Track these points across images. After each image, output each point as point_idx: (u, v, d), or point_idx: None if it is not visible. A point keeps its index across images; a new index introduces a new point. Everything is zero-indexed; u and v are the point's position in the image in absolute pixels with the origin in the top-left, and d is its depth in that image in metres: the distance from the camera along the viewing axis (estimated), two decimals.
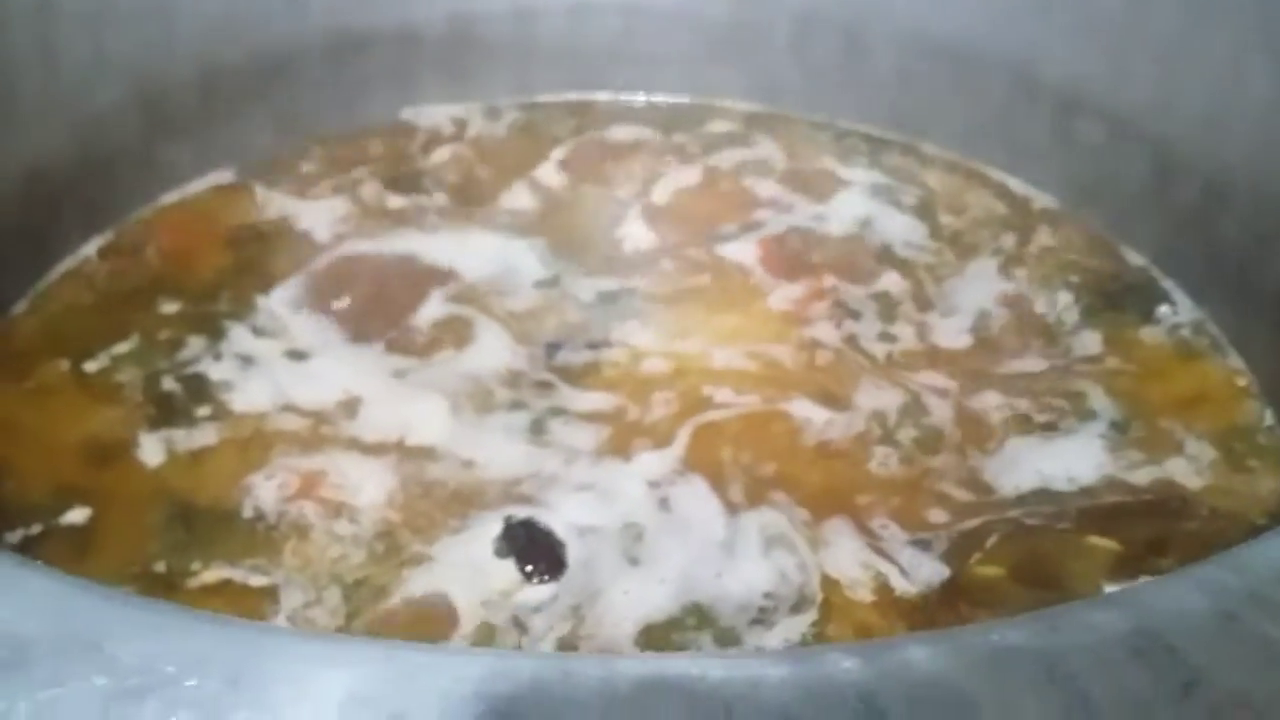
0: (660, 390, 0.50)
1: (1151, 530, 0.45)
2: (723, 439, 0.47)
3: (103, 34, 0.56)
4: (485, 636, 0.39)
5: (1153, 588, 0.23)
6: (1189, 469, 0.47)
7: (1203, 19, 0.56)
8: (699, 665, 0.21)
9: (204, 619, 0.21)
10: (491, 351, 0.52)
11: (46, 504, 0.44)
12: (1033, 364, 0.52)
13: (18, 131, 0.53)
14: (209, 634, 0.21)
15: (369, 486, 0.45)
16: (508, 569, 0.42)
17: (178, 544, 0.43)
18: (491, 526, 0.43)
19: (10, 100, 0.53)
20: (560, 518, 0.43)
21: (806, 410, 0.49)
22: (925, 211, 0.63)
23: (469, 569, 0.41)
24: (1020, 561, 0.43)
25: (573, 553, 0.42)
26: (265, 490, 0.45)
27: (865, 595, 0.41)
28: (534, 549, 0.41)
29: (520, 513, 0.44)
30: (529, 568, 0.41)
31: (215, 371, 0.50)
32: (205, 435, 0.48)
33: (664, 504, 0.44)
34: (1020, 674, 0.21)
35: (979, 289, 0.57)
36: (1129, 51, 0.60)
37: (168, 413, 0.49)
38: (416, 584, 0.42)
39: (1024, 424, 0.49)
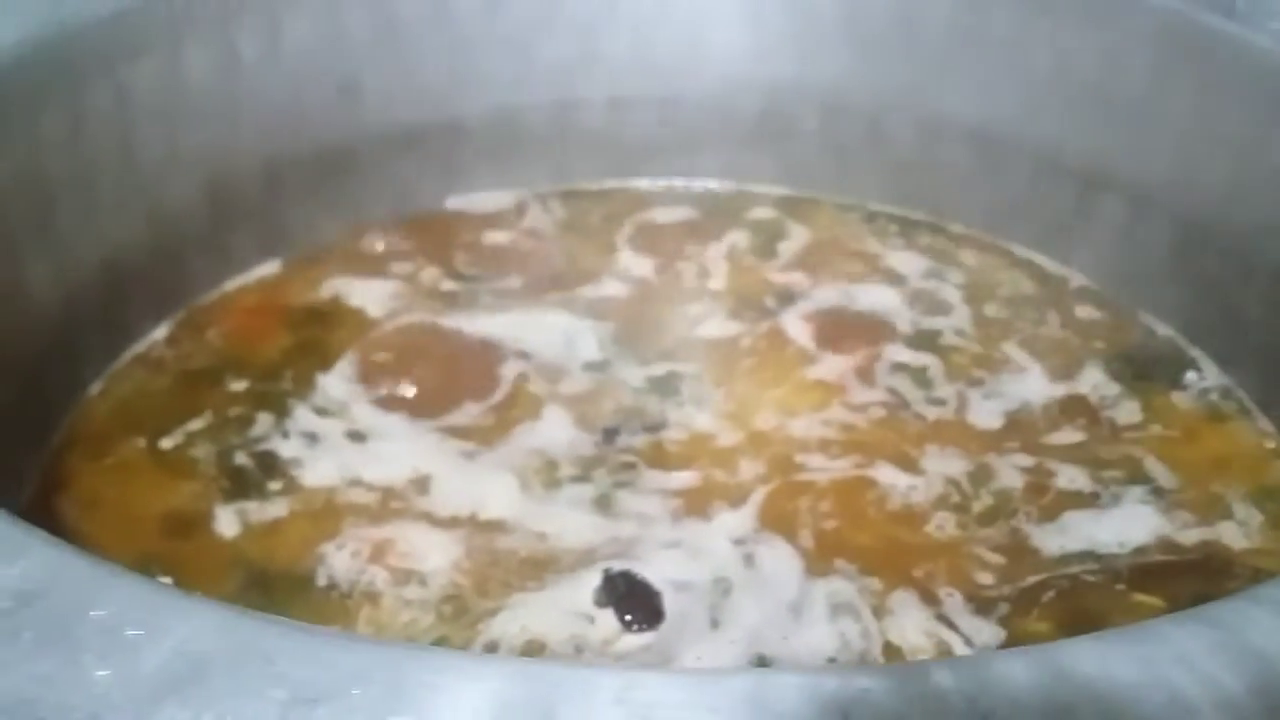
0: (741, 458, 0.52)
1: (1196, 588, 0.46)
2: (799, 503, 0.49)
3: (176, 131, 0.59)
4: None
5: (1237, 604, 0.25)
6: (1236, 531, 0.49)
7: (1220, 97, 0.59)
8: (812, 676, 0.23)
9: (359, 639, 0.23)
10: (553, 432, 0.54)
11: None
12: (1076, 434, 0.54)
13: (96, 223, 0.56)
14: (366, 651, 0.23)
15: (436, 555, 0.47)
16: (605, 618, 0.43)
17: (254, 610, 0.45)
18: (576, 585, 0.45)
19: (90, 194, 0.56)
20: (654, 571, 0.45)
21: (884, 474, 0.51)
22: (957, 288, 0.65)
23: (555, 619, 0.43)
24: (1069, 618, 0.45)
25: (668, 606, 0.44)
26: (337, 559, 0.47)
27: None
28: (633, 599, 0.43)
29: (618, 565, 0.45)
30: (628, 617, 0.43)
31: (284, 448, 0.52)
32: (277, 507, 0.49)
33: (749, 560, 0.46)
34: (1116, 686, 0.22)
35: (1016, 363, 0.59)
36: (1149, 130, 0.63)
37: (241, 486, 0.51)
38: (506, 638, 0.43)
39: (1079, 489, 0.51)
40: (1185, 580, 0.47)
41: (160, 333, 0.60)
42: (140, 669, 0.22)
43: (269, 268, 0.65)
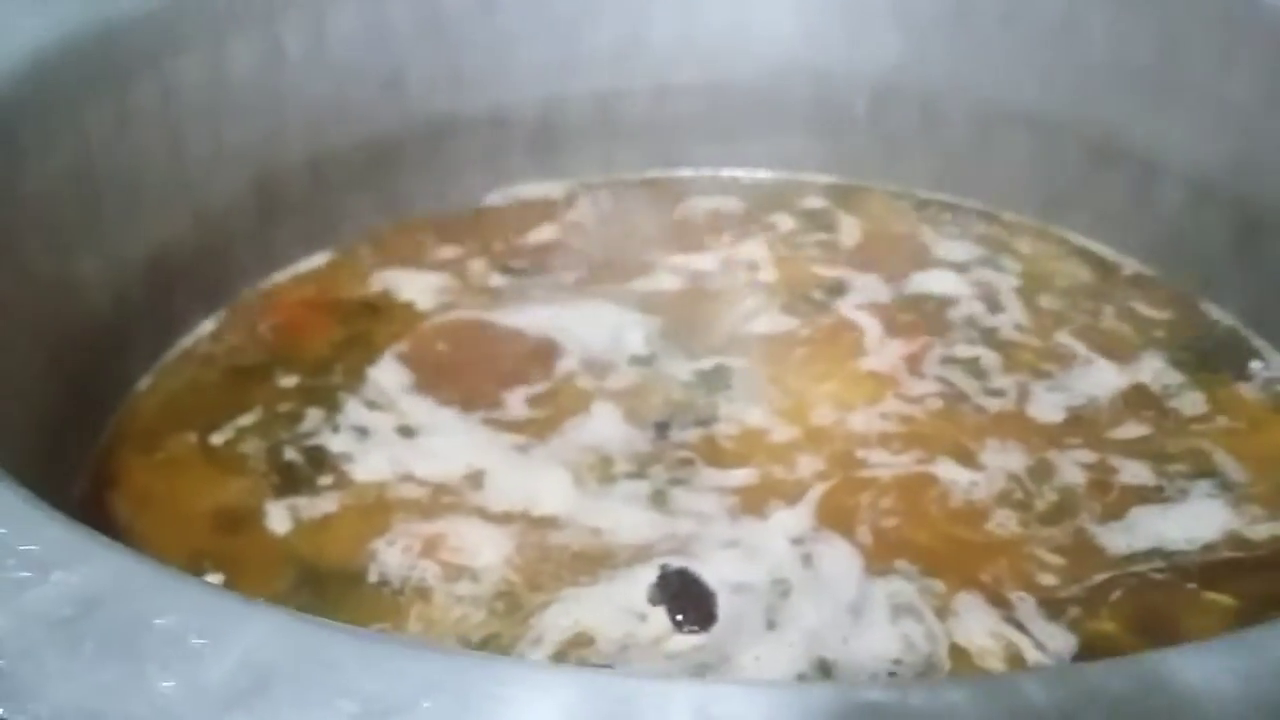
0: (797, 454, 0.51)
1: (1267, 586, 0.45)
2: (858, 499, 0.48)
3: (221, 126, 0.59)
4: None
5: None
6: None
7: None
8: (896, 692, 0.22)
9: (427, 648, 0.22)
10: (604, 427, 0.53)
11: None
12: (1142, 428, 0.53)
13: (143, 219, 0.56)
14: (435, 661, 0.22)
15: (488, 550, 0.46)
16: (658, 616, 0.42)
17: (306, 607, 0.44)
18: (630, 581, 0.44)
19: (137, 190, 0.55)
20: (711, 571, 0.44)
21: (944, 470, 0.50)
22: (1013, 278, 0.64)
23: (607, 615, 0.42)
24: (1138, 617, 0.44)
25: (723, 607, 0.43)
26: (389, 555, 0.46)
27: (995, 664, 0.42)
28: (687, 598, 0.42)
29: (675, 562, 0.44)
30: (680, 617, 0.42)
31: (334, 443, 0.52)
32: (328, 503, 0.49)
33: (807, 561, 0.45)
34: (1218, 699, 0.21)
35: (1075, 354, 0.58)
36: (1210, 113, 0.62)
37: (292, 482, 0.50)
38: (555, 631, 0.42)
39: (1144, 484, 0.50)
40: (1257, 578, 0.46)
41: (208, 327, 0.60)
42: (205, 679, 0.21)
43: (315, 261, 0.65)
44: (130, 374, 0.56)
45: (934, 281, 0.64)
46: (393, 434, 0.53)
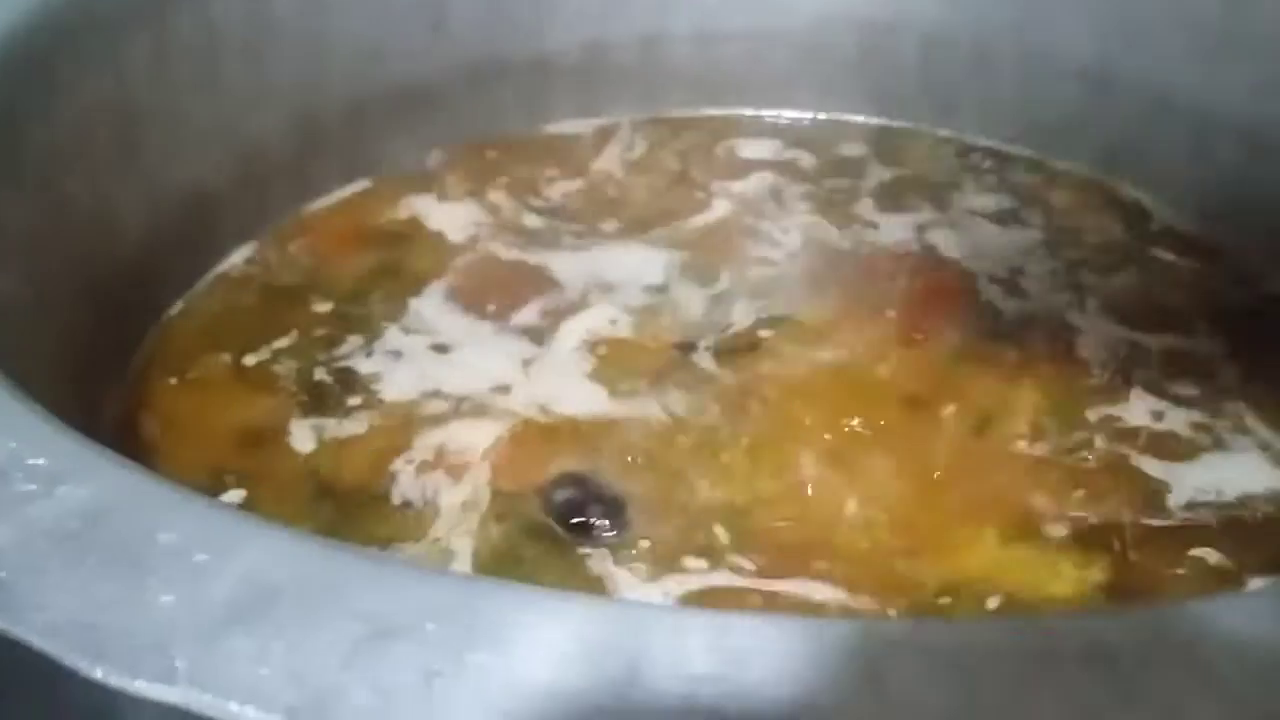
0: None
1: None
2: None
3: (264, 64, 0.59)
4: None
5: None
6: None
7: None
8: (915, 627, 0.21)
9: (435, 572, 0.21)
10: (634, 347, 0.53)
11: (202, 487, 0.45)
12: (1184, 389, 0.51)
13: (180, 153, 0.56)
14: (443, 585, 0.21)
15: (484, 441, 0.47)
16: None
17: (325, 524, 0.44)
18: None
19: (174, 124, 0.55)
20: None
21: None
22: (1046, 230, 0.62)
23: None
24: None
25: None
26: (406, 473, 0.46)
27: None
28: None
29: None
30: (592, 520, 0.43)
31: (366, 366, 0.52)
32: (355, 424, 0.49)
33: None
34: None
35: (1112, 308, 0.56)
36: (1269, 69, 0.59)
37: (320, 402, 0.50)
38: None
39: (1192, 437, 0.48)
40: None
41: (242, 254, 0.59)
42: (207, 596, 0.21)
43: (351, 191, 0.64)
44: (164, 300, 0.56)
45: (962, 229, 0.62)
46: (424, 354, 0.52)
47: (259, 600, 0.21)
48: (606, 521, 0.43)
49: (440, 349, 0.53)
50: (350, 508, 0.45)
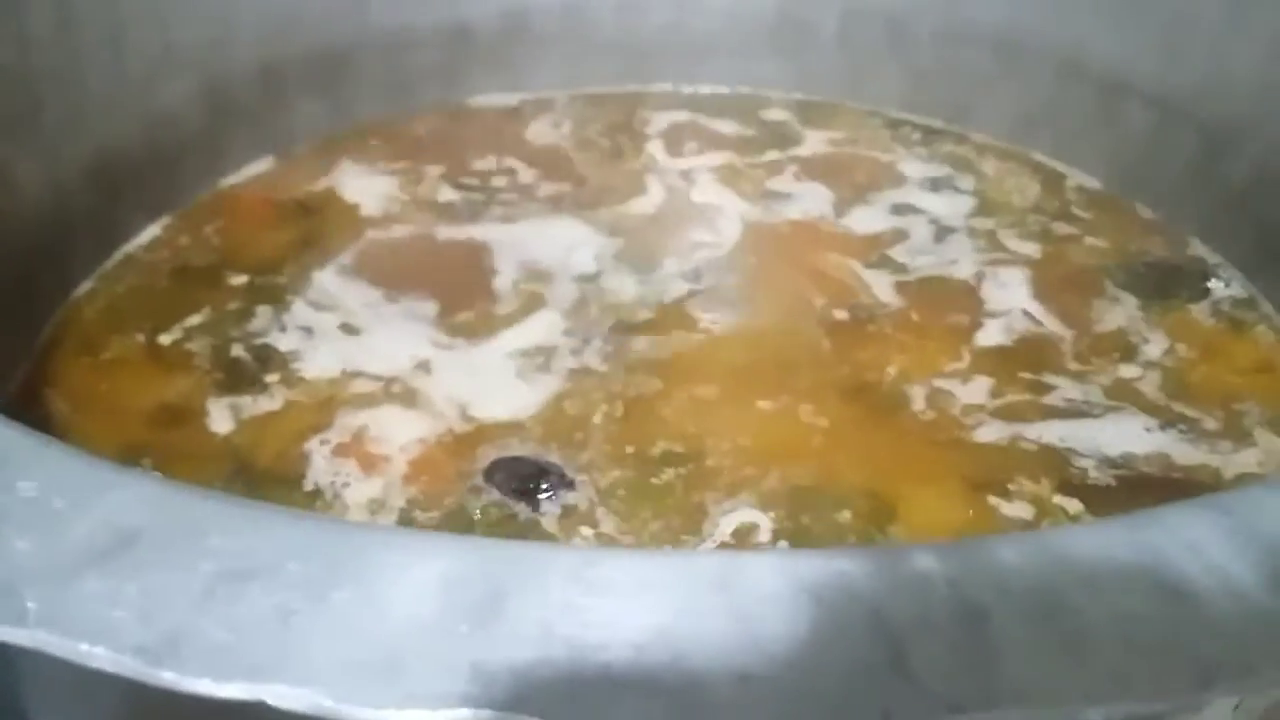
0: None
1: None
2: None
3: (169, 28, 0.58)
4: None
5: (1252, 493, 0.23)
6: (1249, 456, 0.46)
7: (1250, 2, 0.57)
8: (785, 557, 0.21)
9: (301, 515, 0.21)
10: (548, 333, 0.52)
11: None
12: (1089, 346, 0.52)
13: (86, 121, 0.55)
14: (307, 528, 0.21)
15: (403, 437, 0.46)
16: None
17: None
18: None
19: (80, 91, 0.54)
20: None
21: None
22: (970, 196, 0.63)
23: None
24: None
25: None
26: (320, 453, 0.45)
27: None
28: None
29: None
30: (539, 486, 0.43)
31: (282, 342, 0.51)
32: (271, 401, 0.48)
33: None
34: (1110, 567, 0.21)
35: (1025, 270, 0.57)
36: (1177, 33, 0.60)
37: (236, 379, 0.49)
38: None
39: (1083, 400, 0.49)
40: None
41: (153, 231, 0.59)
42: (63, 541, 0.21)
43: (264, 165, 0.64)
44: (71, 277, 0.55)
45: (894, 198, 0.62)
46: (338, 332, 0.52)
47: (115, 544, 0.20)
48: (550, 486, 0.43)
49: (349, 329, 0.52)
50: (263, 486, 0.44)
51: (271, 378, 0.49)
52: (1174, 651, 0.20)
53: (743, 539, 0.41)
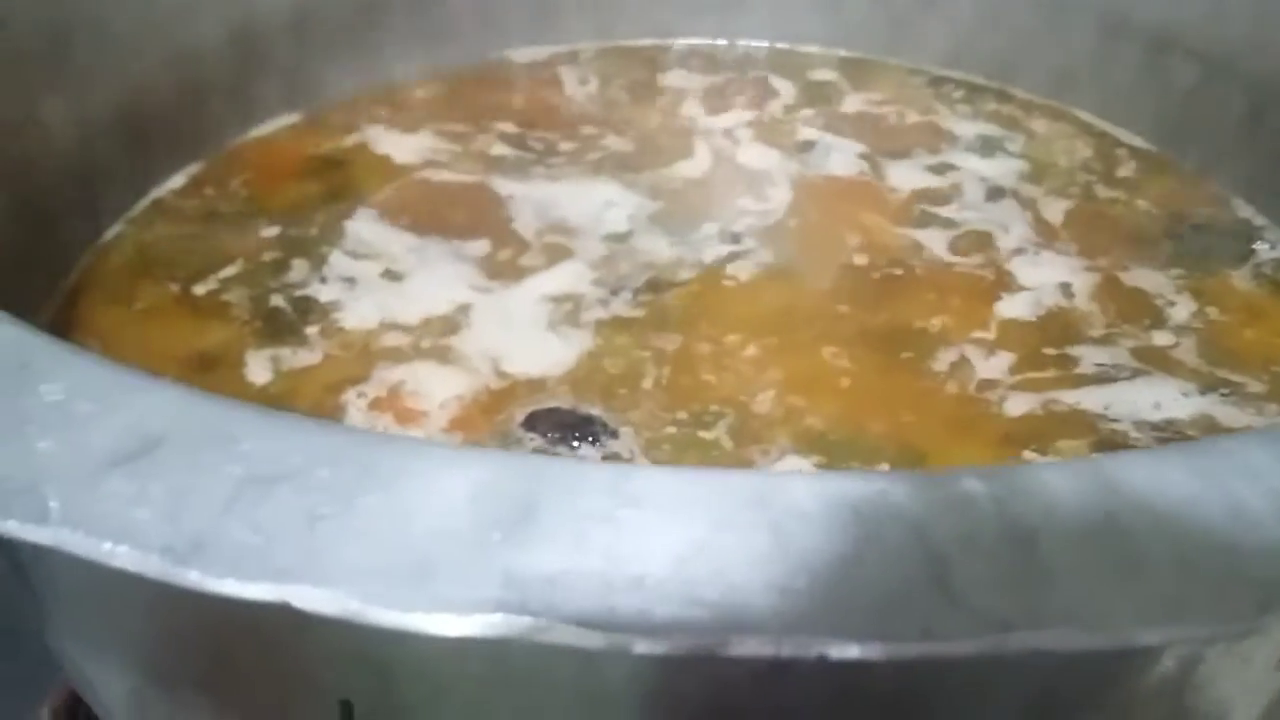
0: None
1: None
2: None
3: None
4: None
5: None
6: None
7: None
8: (819, 482, 0.20)
9: (334, 426, 0.21)
10: (579, 280, 0.51)
11: None
12: (1124, 313, 0.51)
13: (114, 63, 0.54)
14: (337, 436, 0.21)
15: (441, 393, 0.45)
16: None
17: None
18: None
19: (108, 33, 0.54)
20: None
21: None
22: (1017, 157, 0.62)
23: None
24: None
25: None
26: (356, 405, 0.45)
27: None
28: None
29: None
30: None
31: (323, 293, 0.50)
32: (311, 354, 0.47)
33: None
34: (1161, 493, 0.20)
35: (1070, 238, 0.56)
36: None
37: (275, 329, 0.48)
38: None
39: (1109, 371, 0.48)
40: None
41: (179, 180, 0.58)
42: (87, 443, 0.20)
43: (295, 117, 0.63)
44: (98, 223, 0.54)
45: (937, 156, 0.61)
46: (376, 281, 0.51)
47: (141, 447, 0.20)
48: (594, 435, 0.43)
49: (393, 275, 0.51)
50: None
51: (312, 329, 0.48)
52: (1231, 575, 0.19)
53: None
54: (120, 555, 0.18)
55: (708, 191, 0.58)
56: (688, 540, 0.19)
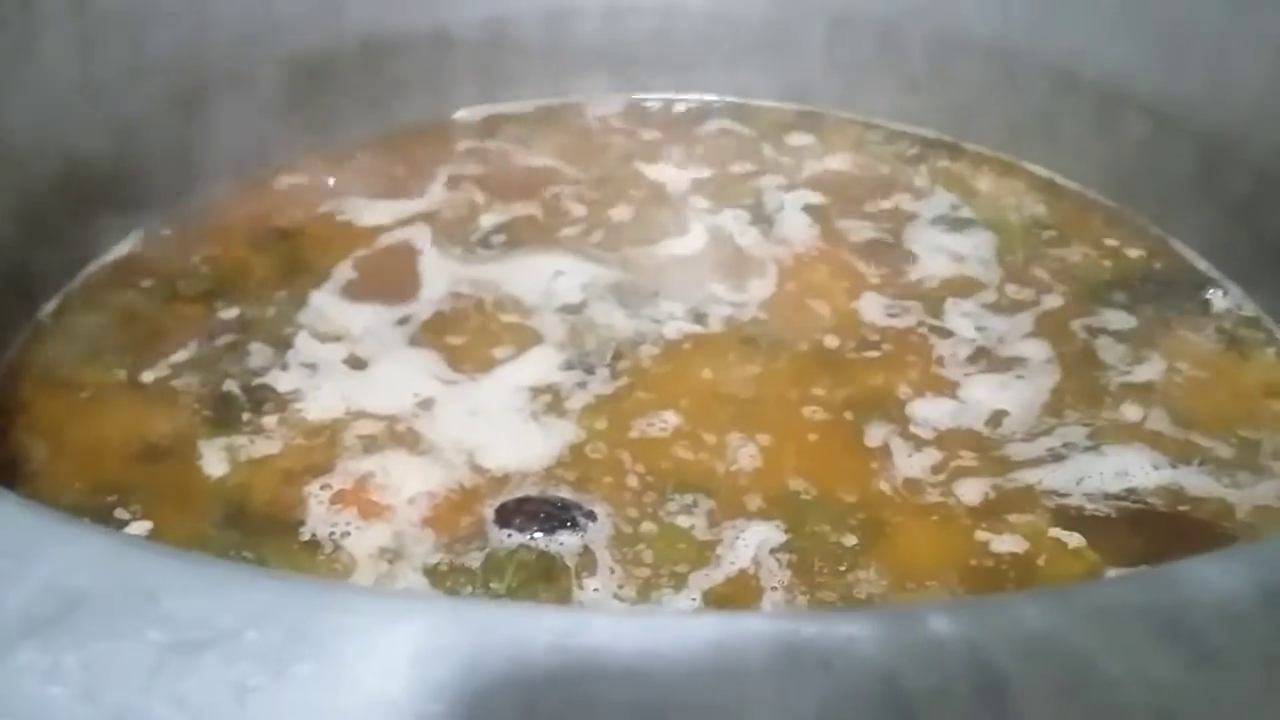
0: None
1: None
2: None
3: (140, 34, 0.56)
4: None
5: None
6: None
7: (1252, 7, 0.55)
8: (787, 621, 0.19)
9: (264, 574, 0.20)
10: (542, 369, 0.50)
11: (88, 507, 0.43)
12: (1088, 371, 0.50)
13: (54, 127, 0.53)
14: (270, 589, 0.19)
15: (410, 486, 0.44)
16: None
17: (231, 545, 0.41)
18: None
19: (48, 95, 0.52)
20: None
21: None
22: (972, 210, 0.62)
23: None
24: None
25: None
26: (318, 498, 0.43)
27: None
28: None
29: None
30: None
31: (280, 381, 0.49)
32: (269, 443, 0.46)
33: None
34: (1137, 629, 0.19)
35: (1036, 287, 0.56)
36: (1176, 42, 0.59)
37: (227, 418, 0.47)
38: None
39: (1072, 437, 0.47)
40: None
41: (124, 249, 0.57)
42: (2, 605, 0.19)
43: (242, 183, 0.61)
44: (36, 299, 0.53)
45: (889, 213, 0.61)
46: (338, 367, 0.50)
47: (60, 609, 0.19)
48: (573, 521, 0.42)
49: (356, 363, 0.50)
50: (255, 529, 0.42)
51: (267, 419, 0.47)
52: None
53: (761, 565, 0.40)
54: None
55: (664, 256, 0.58)
56: (644, 705, 0.18)
